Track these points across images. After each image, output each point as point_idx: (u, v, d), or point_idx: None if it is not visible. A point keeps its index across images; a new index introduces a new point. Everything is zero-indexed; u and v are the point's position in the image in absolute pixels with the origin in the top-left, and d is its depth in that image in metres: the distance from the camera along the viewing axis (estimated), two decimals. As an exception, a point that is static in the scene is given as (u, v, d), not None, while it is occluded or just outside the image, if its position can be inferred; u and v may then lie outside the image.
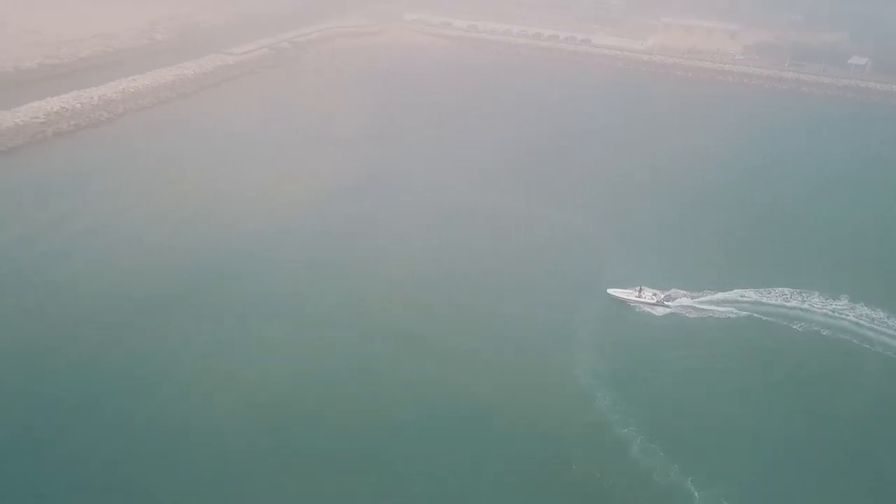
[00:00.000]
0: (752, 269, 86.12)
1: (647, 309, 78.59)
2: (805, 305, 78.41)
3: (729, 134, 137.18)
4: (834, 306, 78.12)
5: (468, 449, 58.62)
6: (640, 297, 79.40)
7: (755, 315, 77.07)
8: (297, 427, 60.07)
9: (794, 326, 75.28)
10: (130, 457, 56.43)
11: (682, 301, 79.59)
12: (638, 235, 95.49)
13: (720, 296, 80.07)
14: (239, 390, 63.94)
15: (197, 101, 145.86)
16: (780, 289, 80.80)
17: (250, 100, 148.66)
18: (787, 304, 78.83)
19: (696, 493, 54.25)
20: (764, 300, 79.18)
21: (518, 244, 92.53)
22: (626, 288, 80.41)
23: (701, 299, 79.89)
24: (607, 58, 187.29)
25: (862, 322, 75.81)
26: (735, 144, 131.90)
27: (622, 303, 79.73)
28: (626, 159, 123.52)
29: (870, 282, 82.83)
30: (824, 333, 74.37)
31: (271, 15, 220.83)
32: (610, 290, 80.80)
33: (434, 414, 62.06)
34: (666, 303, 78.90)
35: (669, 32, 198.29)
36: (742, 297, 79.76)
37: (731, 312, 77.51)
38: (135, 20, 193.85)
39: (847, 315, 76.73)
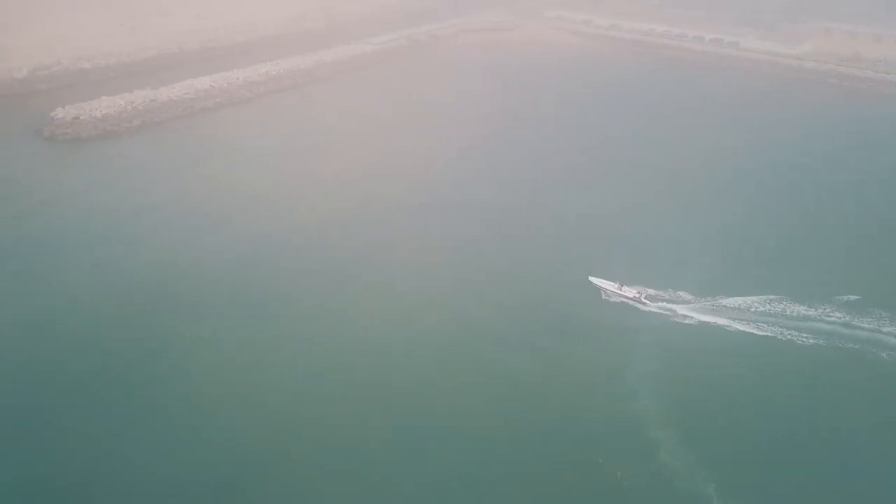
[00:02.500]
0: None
1: (630, 304, 76.68)
2: (793, 312, 74.33)
3: (859, 151, 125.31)
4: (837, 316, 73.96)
5: (489, 444, 58.29)
6: (621, 291, 77.66)
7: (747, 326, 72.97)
8: (318, 424, 60.11)
9: (781, 337, 71.00)
10: (143, 449, 57.15)
11: (666, 304, 76.53)
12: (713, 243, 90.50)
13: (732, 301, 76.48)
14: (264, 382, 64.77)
15: (330, 87, 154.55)
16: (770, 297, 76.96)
17: (377, 87, 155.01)
18: (787, 313, 74.47)
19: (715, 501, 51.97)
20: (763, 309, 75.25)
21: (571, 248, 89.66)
22: (607, 279, 78.87)
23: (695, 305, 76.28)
24: (753, 62, 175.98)
25: (864, 326, 72.40)
26: (864, 164, 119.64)
27: (600, 292, 78.41)
28: (739, 171, 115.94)
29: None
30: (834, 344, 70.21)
31: (416, 8, 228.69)
32: (591, 278, 79.40)
33: (454, 406, 61.93)
34: (643, 299, 76.52)
35: (829, 38, 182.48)
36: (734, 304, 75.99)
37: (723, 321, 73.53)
38: (288, 9, 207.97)
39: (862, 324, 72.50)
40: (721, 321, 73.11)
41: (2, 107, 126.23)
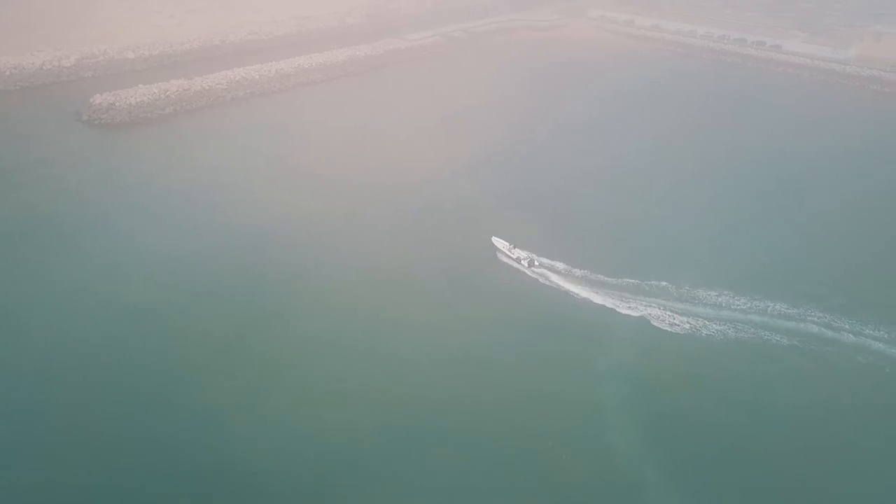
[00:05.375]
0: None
1: (514, 265, 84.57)
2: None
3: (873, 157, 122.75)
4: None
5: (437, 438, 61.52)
6: (511, 253, 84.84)
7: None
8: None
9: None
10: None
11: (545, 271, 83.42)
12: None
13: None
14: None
15: (359, 81, 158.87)
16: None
17: (405, 83, 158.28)
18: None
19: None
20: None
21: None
22: (505, 241, 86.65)
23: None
24: (793, 66, 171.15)
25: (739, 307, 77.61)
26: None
27: (496, 251, 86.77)
28: (729, 170, 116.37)
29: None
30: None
31: (463, 6, 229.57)
32: (493, 239, 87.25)
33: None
34: (522, 262, 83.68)
35: (878, 42, 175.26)
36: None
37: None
38: (336, 5, 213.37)
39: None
40: (600, 299, 78.45)
41: (49, 92, 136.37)
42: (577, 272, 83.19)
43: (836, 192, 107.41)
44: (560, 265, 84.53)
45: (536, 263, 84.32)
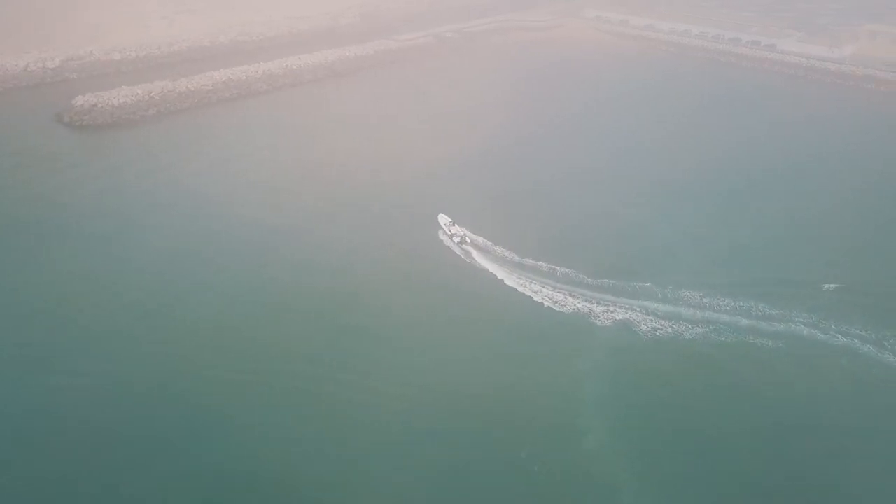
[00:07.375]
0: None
1: (446, 240, 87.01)
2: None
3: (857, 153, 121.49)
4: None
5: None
6: (450, 231, 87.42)
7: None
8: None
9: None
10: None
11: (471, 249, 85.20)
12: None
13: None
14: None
15: (347, 82, 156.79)
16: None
17: (393, 84, 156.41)
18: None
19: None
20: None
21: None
22: (449, 217, 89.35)
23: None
24: (788, 65, 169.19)
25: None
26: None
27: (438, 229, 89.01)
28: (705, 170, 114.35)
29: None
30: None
31: (459, 6, 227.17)
32: (440, 215, 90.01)
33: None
34: (454, 238, 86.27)
35: (874, 41, 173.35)
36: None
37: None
38: (331, 5, 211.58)
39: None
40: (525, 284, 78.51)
41: (32, 94, 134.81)
42: (561, 270, 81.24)
43: (827, 192, 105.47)
44: (543, 265, 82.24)
45: (468, 241, 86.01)
